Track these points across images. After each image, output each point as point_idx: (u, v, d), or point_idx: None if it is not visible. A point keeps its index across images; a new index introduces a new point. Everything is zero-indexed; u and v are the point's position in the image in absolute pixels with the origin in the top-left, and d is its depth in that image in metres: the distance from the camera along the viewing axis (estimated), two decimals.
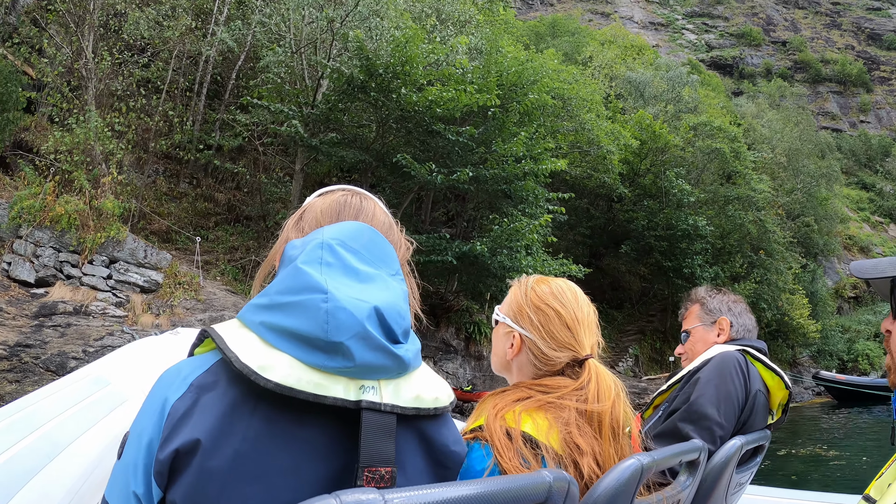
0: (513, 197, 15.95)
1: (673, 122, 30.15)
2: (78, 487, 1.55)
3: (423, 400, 0.92)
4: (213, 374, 0.85)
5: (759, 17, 67.66)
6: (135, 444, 0.83)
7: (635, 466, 1.12)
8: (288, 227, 1.17)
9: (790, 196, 35.74)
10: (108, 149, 13.61)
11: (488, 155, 15.24)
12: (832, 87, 60.94)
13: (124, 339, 11.93)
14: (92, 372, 1.91)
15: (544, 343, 1.36)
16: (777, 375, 2.10)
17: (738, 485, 1.96)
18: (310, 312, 0.84)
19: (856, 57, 63.25)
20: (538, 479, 0.89)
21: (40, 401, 1.75)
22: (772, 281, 30.01)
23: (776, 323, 30.80)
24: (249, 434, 0.80)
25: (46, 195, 12.68)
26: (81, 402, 1.75)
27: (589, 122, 22.06)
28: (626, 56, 37.04)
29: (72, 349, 10.83)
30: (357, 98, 14.40)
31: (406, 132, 15.14)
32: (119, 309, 13.06)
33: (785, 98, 50.70)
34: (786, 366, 33.87)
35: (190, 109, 20.14)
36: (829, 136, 44.36)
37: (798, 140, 38.63)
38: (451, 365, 21.10)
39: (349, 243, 0.95)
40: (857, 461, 13.87)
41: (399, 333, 0.91)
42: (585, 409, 1.25)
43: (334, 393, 0.82)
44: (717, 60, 62.82)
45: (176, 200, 19.42)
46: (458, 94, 14.04)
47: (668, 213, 26.82)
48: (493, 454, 1.14)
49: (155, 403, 0.83)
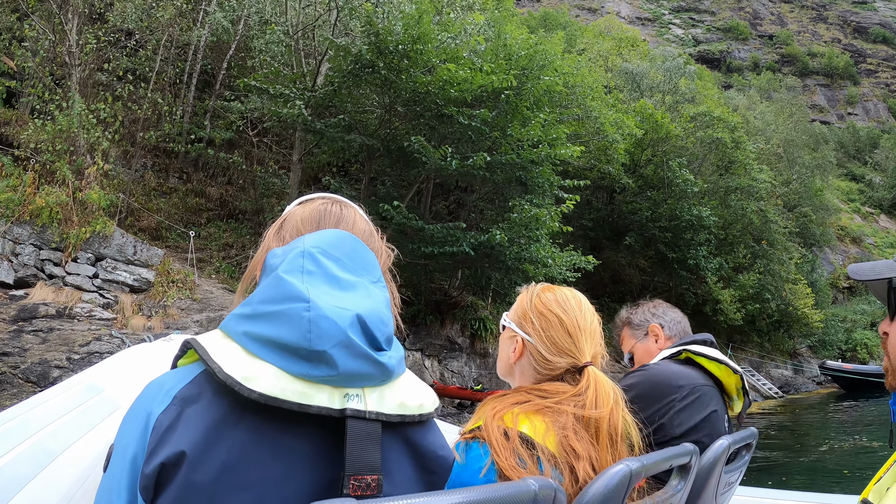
0: (527, 184, 14.84)
1: (671, 113, 29.35)
2: (71, 495, 1.51)
3: (408, 406, 0.89)
4: (197, 385, 0.82)
5: (745, 12, 67.18)
6: (119, 458, 0.81)
7: (623, 472, 1.08)
8: (269, 237, 1.14)
9: (788, 186, 35.21)
10: (94, 138, 12.31)
11: (503, 140, 14.13)
12: (819, 80, 60.60)
13: (113, 343, 10.65)
14: (85, 379, 1.87)
15: (545, 348, 1.37)
16: (722, 364, 2.02)
17: (727, 484, 1.92)
18: (292, 322, 0.82)
19: (842, 50, 63.02)
20: (523, 488, 0.86)
21: (33, 408, 1.69)
22: (775, 271, 29.52)
23: (778, 313, 30.35)
24: (236, 445, 0.78)
25: (26, 187, 11.36)
26: (74, 410, 1.71)
27: (595, 109, 21.05)
28: (620, 48, 36.21)
29: (55, 356, 9.53)
30: (363, 80, 13.19)
31: (414, 116, 13.99)
32: (107, 311, 11.76)
33: (775, 91, 50.23)
34: (786, 356, 33.34)
35: (179, 100, 18.86)
36: (822, 128, 43.82)
37: (793, 130, 38.17)
38: (455, 363, 20.20)
39: (330, 251, 0.94)
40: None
41: (382, 341, 0.89)
42: (583, 414, 1.25)
43: (318, 402, 0.80)
44: (704, 55, 62.19)
45: (165, 196, 18.18)
46: (474, 73, 12.93)
47: (672, 203, 26.17)
48: (491, 453, 1.15)
49: (138, 417, 0.81)
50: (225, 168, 20.02)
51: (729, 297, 27.26)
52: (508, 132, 14.09)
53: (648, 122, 26.51)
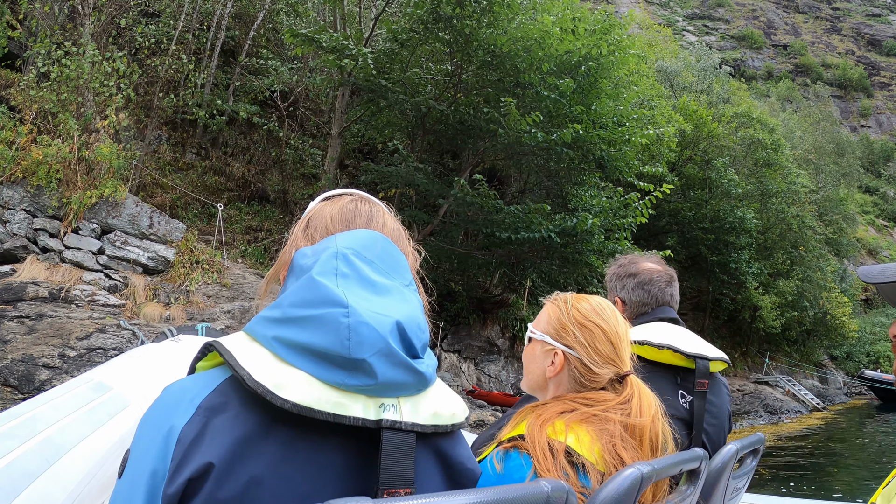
0: (606, 167, 12.33)
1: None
2: (79, 491, 1.46)
3: (441, 416, 0.85)
4: (222, 393, 0.75)
5: (759, 21, 64.96)
6: (136, 469, 0.74)
7: (635, 476, 1.03)
8: (296, 235, 1.06)
9: (818, 193, 33.13)
10: (107, 90, 9.69)
11: (585, 115, 11.64)
12: (833, 92, 58.39)
13: (121, 338, 8.05)
14: (93, 377, 1.81)
15: (590, 360, 1.30)
16: (645, 344, 1.74)
17: (734, 490, 1.81)
18: (329, 327, 0.77)
19: (856, 62, 60.92)
20: (536, 490, 0.81)
21: (41, 405, 1.62)
22: (813, 279, 27.31)
23: (813, 322, 28.26)
24: (264, 459, 0.72)
25: (21, 139, 8.72)
26: (83, 407, 1.66)
27: (654, 98, 18.68)
28: (655, 45, 33.95)
29: (44, 352, 6.91)
30: (434, 35, 10.64)
31: (482, 84, 11.49)
32: (113, 295, 9.21)
33: (793, 100, 48.21)
34: (813, 367, 31.19)
35: (200, 69, 16.29)
36: (849, 136, 41.68)
37: (820, 137, 36.12)
38: (493, 367, 17.96)
39: (364, 253, 0.88)
40: None
41: (419, 348, 0.84)
42: (629, 422, 1.22)
43: (354, 412, 0.75)
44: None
45: (182, 172, 15.59)
46: (564, 35, 10.48)
47: (714, 204, 23.88)
48: (533, 465, 1.11)
49: (159, 427, 0.74)
50: (245, 148, 17.62)
51: (769, 304, 25.07)
52: (593, 107, 11.63)
53: (692, 119, 24.33)
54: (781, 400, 23.51)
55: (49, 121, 9.45)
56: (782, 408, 22.72)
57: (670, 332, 1.80)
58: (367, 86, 11.04)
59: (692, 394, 1.76)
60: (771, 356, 28.51)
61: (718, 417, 1.80)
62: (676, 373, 1.78)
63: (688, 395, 1.76)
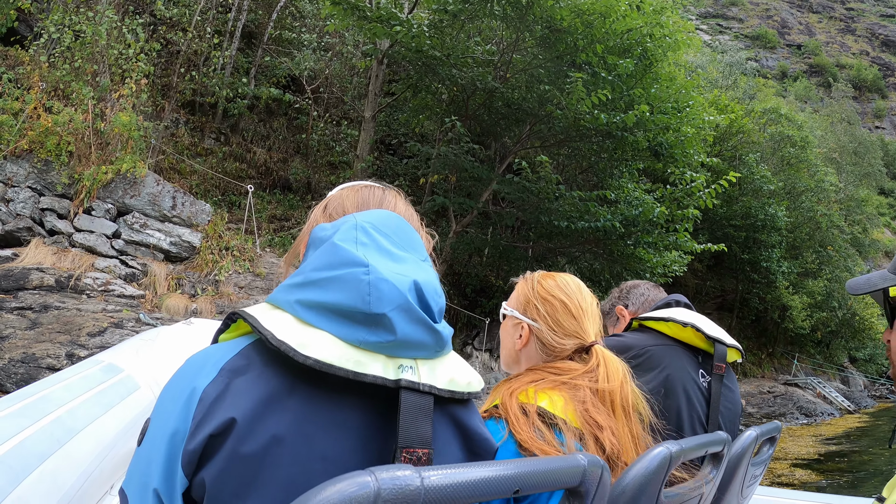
0: (662, 155, 11.04)
1: None
2: (90, 472, 1.43)
3: (458, 383, 0.84)
4: (245, 357, 0.75)
5: (773, 20, 63.30)
6: (157, 432, 0.73)
7: (664, 454, 1.05)
8: (315, 215, 1.07)
9: (841, 193, 31.84)
10: (128, 58, 8.45)
11: (644, 98, 10.40)
12: (848, 92, 56.72)
13: (139, 333, 6.78)
14: (104, 359, 1.73)
15: (551, 332, 1.33)
16: (671, 321, 1.74)
17: (752, 477, 1.79)
18: (350, 285, 0.76)
19: (871, 63, 59.22)
20: (573, 462, 0.82)
21: (52, 386, 1.56)
22: (841, 279, 26.08)
23: (839, 323, 27.03)
24: (286, 417, 0.71)
25: (28, 107, 7.46)
26: (94, 389, 1.60)
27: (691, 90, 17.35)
28: None
29: (48, 351, 5.68)
30: (485, 9, 9.39)
31: (535, 64, 10.25)
32: (130, 285, 8.00)
33: (810, 100, 46.76)
34: (836, 369, 29.88)
35: (221, 50, 15.06)
36: (871, 135, 40.20)
37: (843, 135, 34.78)
38: None
39: (381, 227, 0.89)
40: None
41: (435, 312, 0.84)
42: (597, 388, 1.23)
43: (374, 371, 0.74)
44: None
45: (200, 157, 14.39)
46: (630, 11, 9.30)
47: (746, 200, 22.61)
48: (508, 427, 1.11)
49: (181, 390, 0.73)
50: (265, 136, 16.44)
51: (800, 304, 23.81)
52: (654, 90, 10.39)
53: (725, 113, 23.07)
54: (814, 402, 22.22)
55: (61, 89, 8.20)
56: (816, 410, 21.44)
57: (692, 315, 1.78)
58: (418, 58, 9.73)
59: (711, 375, 1.74)
60: (797, 357, 27.32)
61: (734, 402, 1.77)
62: (697, 353, 1.76)
63: (707, 376, 1.74)
